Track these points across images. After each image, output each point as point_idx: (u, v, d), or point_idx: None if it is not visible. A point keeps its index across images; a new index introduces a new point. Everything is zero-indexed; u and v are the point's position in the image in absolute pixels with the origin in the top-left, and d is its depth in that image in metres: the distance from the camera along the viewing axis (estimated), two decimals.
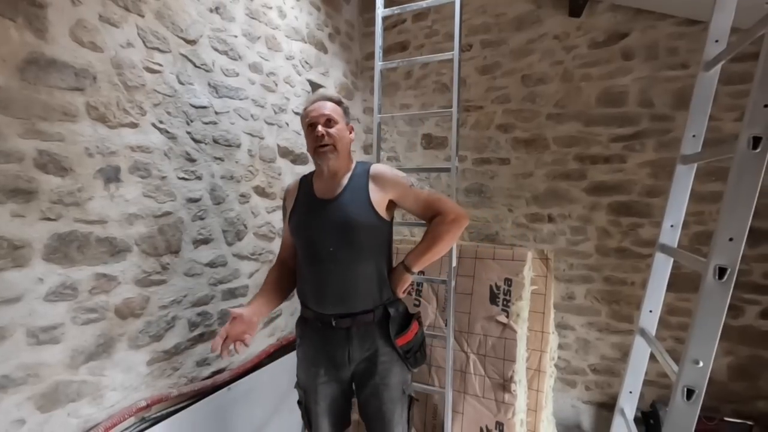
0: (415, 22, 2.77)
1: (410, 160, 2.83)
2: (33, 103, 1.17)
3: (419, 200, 1.36)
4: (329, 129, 1.31)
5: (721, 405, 2.16)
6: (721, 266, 0.94)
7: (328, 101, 1.36)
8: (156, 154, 1.52)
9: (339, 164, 1.35)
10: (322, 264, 1.31)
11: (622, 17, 2.25)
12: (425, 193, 1.37)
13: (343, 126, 1.36)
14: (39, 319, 1.20)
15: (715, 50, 1.22)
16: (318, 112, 1.33)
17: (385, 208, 1.35)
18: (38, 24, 1.17)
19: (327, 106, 1.34)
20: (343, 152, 1.34)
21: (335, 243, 1.29)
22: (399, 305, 1.40)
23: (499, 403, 1.91)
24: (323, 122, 1.32)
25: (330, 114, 1.33)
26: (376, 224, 1.32)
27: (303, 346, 1.43)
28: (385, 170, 1.37)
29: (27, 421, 1.19)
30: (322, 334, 1.36)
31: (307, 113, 1.35)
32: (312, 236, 1.33)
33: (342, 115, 1.37)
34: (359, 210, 1.30)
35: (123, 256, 1.42)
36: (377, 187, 1.33)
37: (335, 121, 1.33)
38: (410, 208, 1.37)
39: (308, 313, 1.39)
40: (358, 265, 1.31)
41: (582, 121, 2.37)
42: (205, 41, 1.71)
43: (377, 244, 1.35)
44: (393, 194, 1.34)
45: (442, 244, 1.34)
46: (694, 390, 0.98)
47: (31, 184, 1.17)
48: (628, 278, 2.34)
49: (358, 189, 1.33)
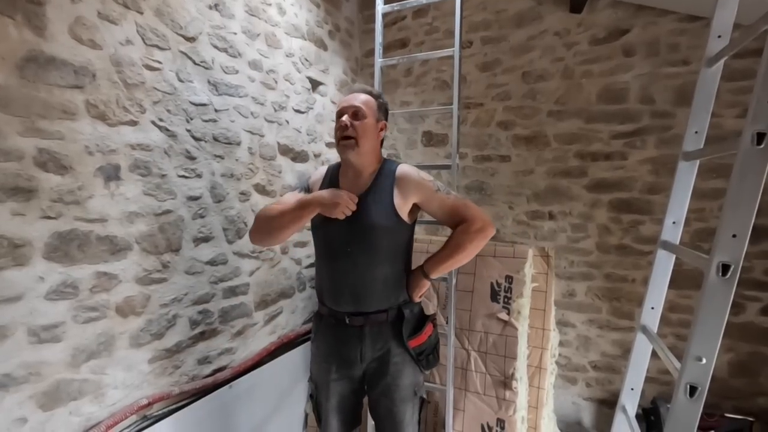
0: (415, 19, 2.76)
1: (410, 157, 2.82)
2: (32, 101, 1.16)
3: (444, 206, 1.31)
4: (355, 121, 1.26)
5: (722, 401, 2.17)
6: (724, 263, 0.94)
7: (364, 93, 1.32)
8: (156, 152, 1.51)
9: (362, 161, 1.30)
10: (340, 263, 1.30)
11: (623, 13, 2.24)
12: (451, 198, 1.31)
13: (373, 122, 1.31)
14: (40, 318, 1.20)
15: (718, 46, 1.21)
16: (349, 102, 1.29)
17: (408, 212, 1.30)
18: (37, 21, 1.17)
19: (360, 98, 1.30)
20: (366, 148, 1.29)
21: (355, 244, 1.27)
22: (414, 306, 1.38)
23: (500, 400, 1.92)
24: (350, 113, 1.27)
25: (360, 106, 1.27)
26: (397, 228, 1.29)
27: (317, 341, 1.43)
28: (411, 173, 1.32)
29: (29, 419, 1.18)
30: (336, 331, 1.35)
31: (340, 102, 1.32)
32: (331, 235, 1.30)
33: (375, 110, 1.32)
34: (382, 213, 1.27)
35: (124, 254, 1.42)
36: (402, 189, 1.29)
37: (364, 114, 1.28)
38: (434, 213, 1.33)
39: (323, 309, 1.39)
40: (376, 266, 1.28)
41: (583, 118, 2.36)
42: (205, 38, 1.70)
43: (397, 247, 1.32)
44: (417, 198, 1.30)
45: (465, 254, 1.29)
46: (696, 387, 0.98)
47: (31, 183, 1.16)
48: (629, 275, 2.34)
49: (383, 191, 1.29)
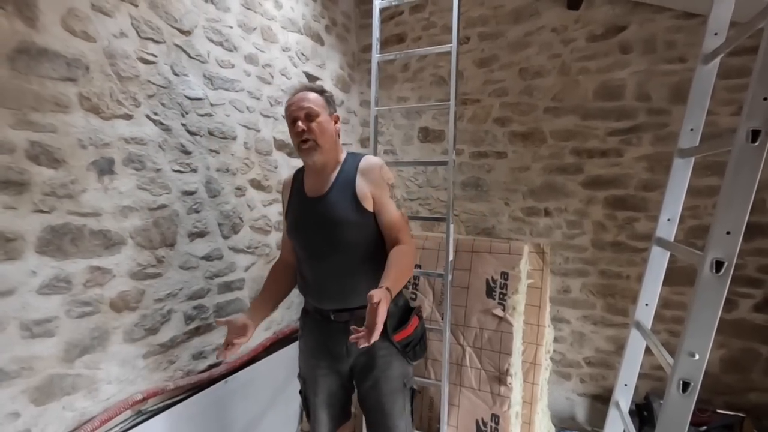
0: (412, 14, 2.74)
1: (407, 153, 2.82)
2: (24, 93, 1.14)
3: (390, 215, 1.29)
4: (310, 123, 1.25)
5: (714, 397, 2.19)
6: (718, 259, 0.95)
7: (309, 92, 1.29)
8: (150, 146, 1.50)
9: (325, 158, 1.30)
10: (319, 263, 1.31)
11: (621, 10, 2.24)
12: (398, 213, 1.30)
13: (326, 117, 1.29)
14: (32, 312, 1.19)
15: (714, 43, 1.22)
16: (297, 105, 1.27)
17: (370, 201, 1.28)
18: (28, 12, 1.15)
19: (308, 98, 1.27)
20: (327, 146, 1.28)
21: (328, 243, 1.27)
22: (399, 299, 1.39)
23: (495, 395, 1.93)
24: (303, 116, 1.25)
25: (310, 107, 1.26)
26: (364, 221, 1.28)
27: (304, 337, 1.45)
28: (374, 164, 1.31)
29: (22, 414, 1.18)
30: (322, 327, 1.37)
31: (288, 107, 1.29)
32: (306, 237, 1.32)
33: (324, 106, 1.29)
34: (346, 208, 1.26)
35: (117, 249, 1.41)
36: (364, 180, 1.28)
37: (316, 113, 1.26)
38: (379, 214, 1.29)
39: (309, 305, 1.41)
40: (353, 263, 1.29)
41: (579, 114, 2.36)
42: (200, 32, 1.68)
43: (370, 240, 1.31)
44: (372, 191, 1.28)
45: (409, 273, 1.28)
46: (689, 383, 0.99)
47: (23, 176, 1.15)
48: (624, 272, 2.35)
49: (345, 185, 1.29)
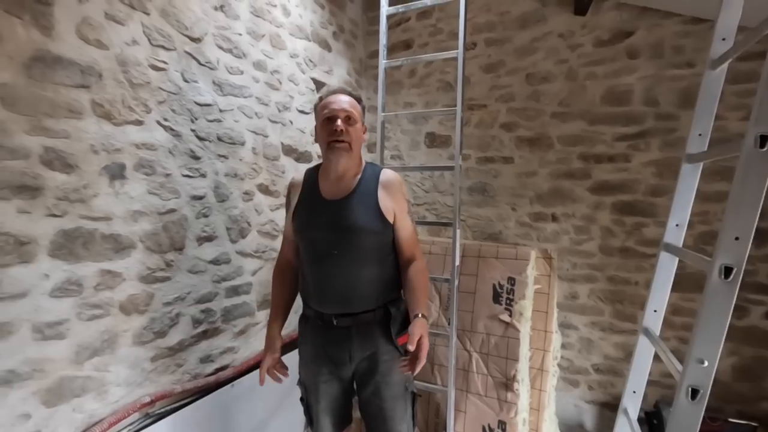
0: (419, 21, 2.76)
1: (414, 158, 2.83)
2: (39, 100, 1.17)
3: (408, 230, 1.34)
4: (348, 126, 1.26)
5: (725, 406, 2.15)
6: (727, 265, 0.94)
7: (350, 96, 1.31)
8: (161, 152, 1.52)
9: (350, 164, 1.30)
10: (325, 265, 1.30)
11: (628, 15, 2.24)
12: (412, 228, 1.36)
13: (361, 126, 1.32)
14: (44, 315, 1.21)
15: (722, 48, 1.21)
16: (339, 105, 1.26)
17: (392, 215, 1.31)
18: (45, 21, 1.18)
19: (349, 102, 1.29)
20: (356, 152, 1.31)
21: (340, 246, 1.27)
22: (401, 304, 1.39)
23: (502, 401, 1.91)
24: (343, 117, 1.26)
25: (352, 111, 1.27)
26: (382, 230, 1.30)
27: (304, 344, 1.43)
28: (397, 179, 1.34)
29: (32, 415, 1.19)
30: (323, 333, 1.35)
31: (326, 104, 1.28)
32: (317, 238, 1.31)
33: (361, 115, 1.33)
34: (367, 215, 1.27)
35: (127, 252, 1.43)
36: (386, 194, 1.30)
37: (355, 119, 1.28)
38: (398, 230, 1.33)
39: (309, 311, 1.39)
40: (362, 268, 1.29)
41: (586, 119, 2.36)
42: (210, 39, 1.71)
43: (382, 248, 1.33)
44: (393, 206, 1.31)
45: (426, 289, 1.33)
46: (698, 390, 0.98)
47: (36, 181, 1.18)
48: (632, 278, 2.33)
49: (367, 193, 1.30)
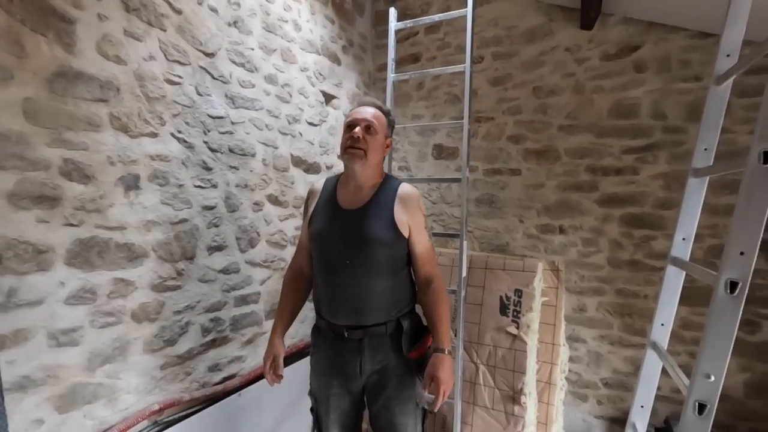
0: (427, 35, 2.81)
1: (421, 170, 2.85)
2: (60, 113, 1.22)
3: (425, 246, 1.35)
4: (367, 135, 1.29)
5: (738, 423, 2.11)
6: (732, 280, 0.94)
7: (377, 109, 1.35)
8: (174, 163, 1.56)
9: (366, 174, 1.33)
10: (338, 276, 1.30)
11: (634, 30, 2.25)
12: (429, 244, 1.37)
13: (382, 138, 1.34)
14: (59, 322, 1.24)
15: (727, 64, 1.22)
16: (361, 115, 1.32)
17: (407, 228, 1.32)
18: (67, 39, 1.23)
19: (373, 112, 1.33)
20: (373, 162, 1.32)
21: (354, 257, 1.28)
22: (413, 318, 1.39)
23: (509, 415, 1.90)
24: (363, 126, 1.30)
25: (372, 121, 1.31)
26: (396, 242, 1.30)
27: (316, 355, 1.43)
28: (415, 194, 1.35)
29: (45, 421, 1.22)
30: (335, 345, 1.35)
31: (351, 114, 1.34)
32: (330, 247, 1.31)
33: (385, 127, 1.35)
34: (382, 227, 1.28)
35: (140, 261, 1.46)
36: (404, 207, 1.31)
37: (376, 129, 1.31)
38: (413, 244, 1.34)
39: (321, 323, 1.39)
40: (375, 279, 1.29)
41: (594, 132, 2.36)
42: (223, 54, 1.76)
43: (395, 260, 1.33)
44: (409, 220, 1.32)
45: (448, 317, 1.34)
46: (705, 404, 0.97)
47: (56, 191, 1.22)
48: (641, 291, 2.31)
49: (384, 205, 1.31)
